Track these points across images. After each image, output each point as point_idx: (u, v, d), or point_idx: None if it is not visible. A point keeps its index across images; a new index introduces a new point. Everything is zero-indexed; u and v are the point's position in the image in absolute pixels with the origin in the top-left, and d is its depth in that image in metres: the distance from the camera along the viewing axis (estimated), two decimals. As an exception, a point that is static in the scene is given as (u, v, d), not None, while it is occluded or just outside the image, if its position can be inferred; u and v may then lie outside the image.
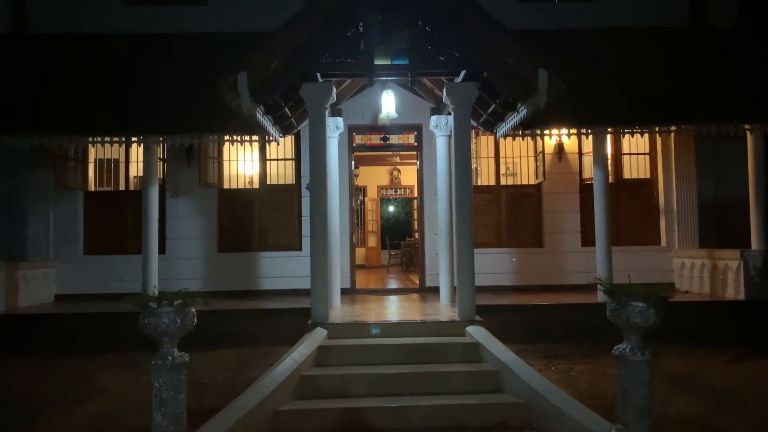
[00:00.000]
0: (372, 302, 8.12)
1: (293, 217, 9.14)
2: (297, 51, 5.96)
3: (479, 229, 8.98)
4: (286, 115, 7.47)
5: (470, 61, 6.03)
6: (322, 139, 6.46)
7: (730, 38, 8.57)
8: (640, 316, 3.81)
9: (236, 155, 9.21)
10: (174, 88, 7.51)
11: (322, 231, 6.39)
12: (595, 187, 7.63)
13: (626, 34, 8.48)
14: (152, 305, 4.13)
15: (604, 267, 7.42)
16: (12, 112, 7.38)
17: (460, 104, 6.38)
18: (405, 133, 9.48)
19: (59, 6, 8.79)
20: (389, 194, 17.81)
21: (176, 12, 8.93)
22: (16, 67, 8.06)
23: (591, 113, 7.25)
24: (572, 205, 9.16)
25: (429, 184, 9.17)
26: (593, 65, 7.74)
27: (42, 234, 8.75)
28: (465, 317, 6.21)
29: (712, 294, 7.93)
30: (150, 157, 7.49)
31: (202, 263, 8.97)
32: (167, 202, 8.90)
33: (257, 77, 5.78)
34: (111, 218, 9.02)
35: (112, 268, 8.75)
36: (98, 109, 7.40)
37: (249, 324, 7.14)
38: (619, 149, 9.27)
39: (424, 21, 6.00)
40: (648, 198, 9.25)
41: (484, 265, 8.68)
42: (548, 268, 9.03)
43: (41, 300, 8.43)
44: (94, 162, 9.15)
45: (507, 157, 9.44)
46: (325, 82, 6.44)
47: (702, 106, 7.42)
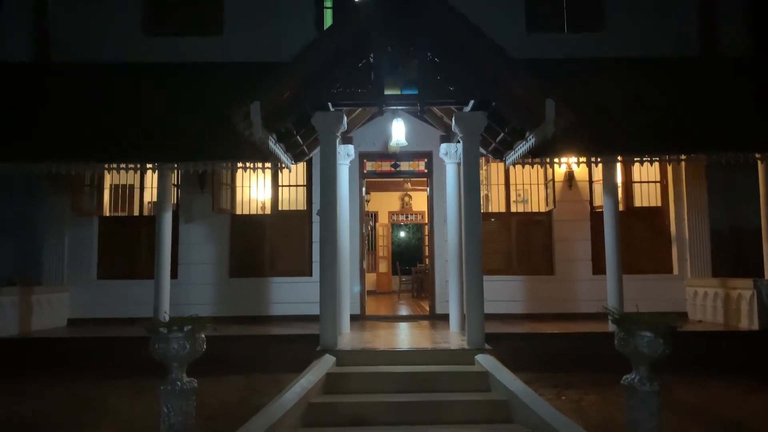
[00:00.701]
0: (381, 329, 8.12)
1: (304, 242, 9.21)
2: (309, 81, 6.10)
3: (490, 256, 9.00)
4: (297, 143, 7.60)
5: (478, 91, 6.13)
6: (333, 167, 6.55)
7: (741, 68, 8.62)
8: (648, 346, 3.80)
9: (249, 181, 9.35)
10: (189, 116, 7.68)
11: (331, 257, 6.44)
12: (605, 215, 7.64)
13: (636, 64, 8.54)
14: (162, 330, 4.19)
15: (614, 295, 7.37)
16: (31, 138, 7.57)
17: (469, 133, 6.46)
18: (415, 160, 9.57)
19: (80, 36, 9.08)
20: (400, 220, 17.88)
21: (192, 42, 9.18)
22: (36, 95, 8.28)
23: (600, 142, 7.30)
24: (583, 233, 9.15)
25: (439, 211, 9.22)
26: (603, 94, 7.81)
27: (57, 258, 8.89)
28: (474, 345, 6.19)
29: (725, 324, 7.84)
30: (164, 183, 7.62)
31: (213, 288, 9.04)
32: (180, 227, 9.02)
33: (270, 106, 5.92)
34: (125, 243, 9.14)
35: (125, 293, 8.84)
36: (114, 136, 7.56)
37: (258, 350, 7.15)
38: (630, 177, 9.28)
39: (433, 52, 6.13)
40: (659, 226, 9.21)
41: (495, 292, 8.68)
42: (559, 296, 8.99)
43: (55, 324, 8.52)
44: (109, 188, 9.31)
45: (517, 184, 9.48)
46: (336, 112, 6.56)
47: (712, 135, 7.44)
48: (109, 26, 9.17)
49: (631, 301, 7.27)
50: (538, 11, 9.39)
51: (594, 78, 8.14)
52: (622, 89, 8.02)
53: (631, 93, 7.98)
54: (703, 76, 8.43)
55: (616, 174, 7.68)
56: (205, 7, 9.38)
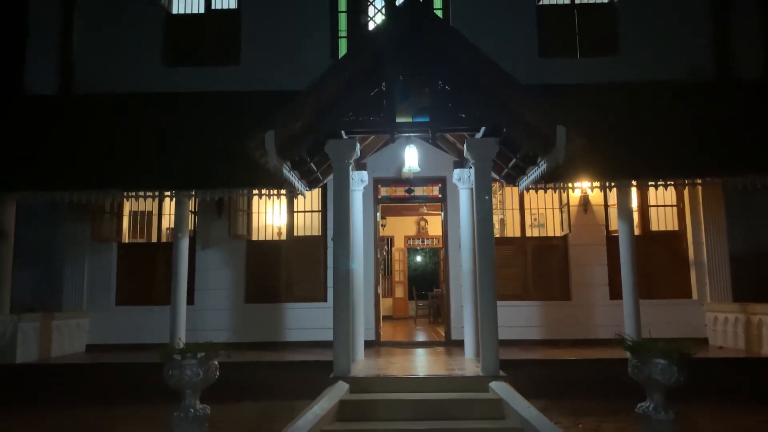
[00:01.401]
0: (396, 355, 8.08)
1: (319, 268, 9.26)
2: (322, 110, 6.22)
3: (505, 281, 8.96)
4: (312, 170, 7.70)
5: (489, 118, 6.18)
6: (346, 194, 6.63)
7: (756, 90, 8.58)
8: (662, 374, 3.76)
9: (265, 208, 9.46)
10: (206, 144, 7.84)
11: (344, 283, 6.47)
12: (620, 240, 7.58)
13: (650, 88, 8.54)
14: (176, 357, 4.25)
15: (632, 321, 7.27)
16: (53, 167, 7.78)
17: (481, 159, 6.50)
18: (429, 185, 9.62)
19: (103, 68, 9.35)
20: (416, 244, 17.85)
21: (211, 72, 9.41)
22: (59, 126, 8.53)
23: (614, 166, 7.27)
24: (599, 258, 9.07)
25: (453, 236, 9.22)
26: (616, 119, 7.81)
27: (77, 285, 9.04)
28: (489, 372, 6.14)
29: (747, 350, 7.67)
30: (181, 210, 7.75)
31: (229, 314, 9.10)
32: (197, 253, 9.13)
33: (284, 135, 6.03)
34: (143, 269, 9.27)
35: (143, 319, 8.94)
36: (134, 164, 7.75)
37: (273, 376, 7.16)
38: (646, 201, 9.21)
39: (443, 80, 6.21)
40: (677, 250, 9.10)
41: (511, 318, 8.62)
42: (576, 322, 8.89)
43: (73, 350, 8.63)
44: (128, 215, 9.48)
45: (532, 208, 9.46)
46: (349, 139, 6.65)
47: (729, 158, 7.39)
48: (131, 58, 9.44)
49: (649, 326, 7.16)
50: (551, 37, 9.46)
51: (607, 102, 8.16)
52: (636, 113, 8.02)
53: (645, 117, 7.97)
54: (717, 99, 8.40)
55: (630, 198, 7.64)
56: (223, 38, 9.63)
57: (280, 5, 9.49)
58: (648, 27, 9.23)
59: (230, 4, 9.79)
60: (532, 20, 9.35)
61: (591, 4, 9.53)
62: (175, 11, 9.76)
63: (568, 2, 9.58)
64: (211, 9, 9.76)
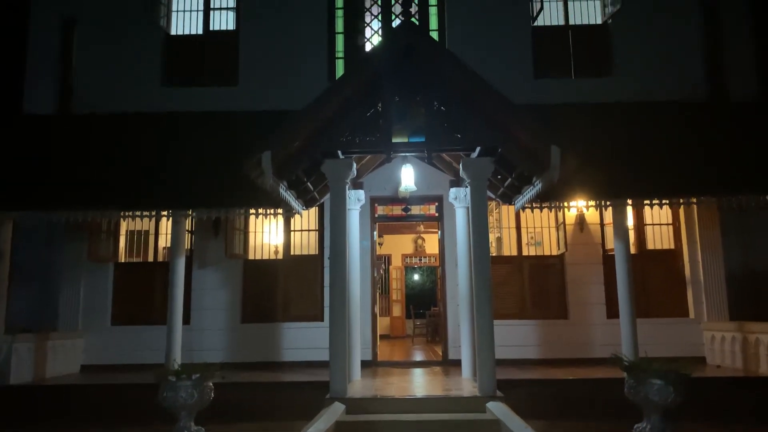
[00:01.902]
0: (393, 376, 8.04)
1: (316, 287, 9.24)
2: (319, 130, 6.27)
3: (502, 300, 8.96)
4: (308, 189, 7.73)
5: (484, 138, 6.24)
6: (342, 214, 6.65)
7: (749, 111, 8.66)
8: (659, 394, 3.75)
9: (262, 227, 9.47)
10: (204, 164, 7.87)
11: (341, 302, 6.46)
12: (616, 258, 7.57)
13: (644, 108, 8.62)
14: (171, 379, 4.23)
15: (629, 340, 7.24)
16: (51, 188, 7.78)
17: (477, 178, 6.54)
18: (426, 204, 9.65)
19: (102, 88, 9.41)
20: (414, 263, 17.86)
21: (209, 92, 9.48)
22: (57, 146, 8.55)
23: (609, 186, 7.32)
24: (596, 276, 9.07)
25: (450, 255, 9.23)
26: (611, 138, 7.87)
27: (73, 304, 9.00)
28: (485, 393, 6.12)
29: (745, 369, 7.65)
30: (178, 230, 7.75)
31: (225, 334, 9.06)
32: (194, 273, 9.11)
33: (281, 155, 6.08)
34: (139, 289, 9.25)
35: (139, 339, 8.89)
36: (131, 184, 7.76)
37: (269, 397, 7.10)
38: (642, 220, 9.25)
39: (439, 101, 6.28)
40: (674, 269, 9.12)
41: (508, 337, 8.60)
42: (573, 341, 8.87)
43: (68, 370, 8.57)
44: (125, 234, 9.48)
45: (529, 227, 9.49)
46: (345, 159, 6.69)
47: (723, 178, 7.44)
48: (130, 78, 9.51)
49: (646, 346, 7.15)
50: (546, 57, 9.57)
51: (602, 122, 8.22)
52: (631, 133, 8.08)
53: (640, 136, 8.03)
54: (711, 119, 8.47)
55: (626, 217, 7.67)
56: (221, 59, 9.72)
57: (278, 27, 9.60)
58: (641, 48, 9.34)
59: (229, 25, 9.90)
60: (527, 41, 9.47)
61: (585, 25, 9.66)
62: (174, 32, 9.86)
63: (562, 24, 9.71)
64: (210, 30, 9.86)
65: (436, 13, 9.77)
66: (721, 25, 9.68)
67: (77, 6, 9.68)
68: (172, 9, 9.92)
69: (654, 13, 9.36)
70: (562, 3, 9.77)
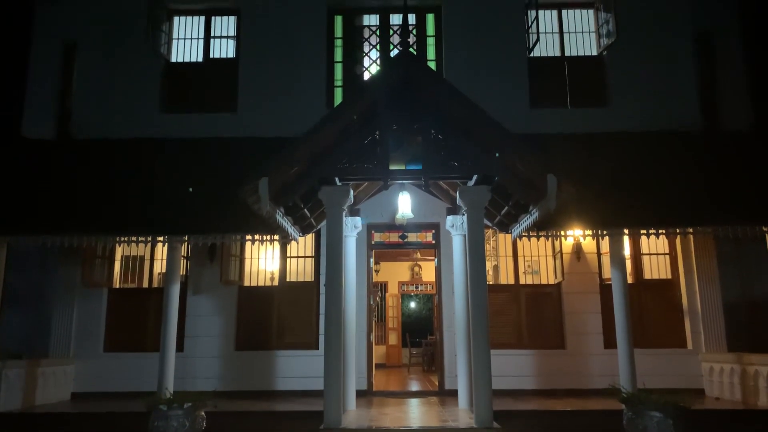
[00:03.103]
0: (388, 406, 7.92)
1: (311, 315, 9.17)
2: (316, 157, 6.28)
3: (499, 329, 8.89)
4: (305, 216, 7.72)
5: (481, 166, 6.26)
6: (339, 241, 6.62)
7: (744, 141, 8.74)
8: (658, 427, 3.70)
9: (258, 253, 9.43)
10: (200, 190, 7.87)
11: (336, 330, 6.40)
12: (613, 288, 7.54)
13: (639, 138, 8.70)
14: (162, 408, 4.16)
15: (626, 371, 7.16)
16: (47, 212, 7.76)
17: (473, 206, 6.54)
18: (423, 231, 9.64)
19: (101, 114, 9.45)
20: (410, 290, 17.76)
21: (208, 119, 9.51)
22: (55, 171, 8.56)
23: (605, 215, 7.33)
24: (593, 306, 9.03)
25: (447, 282, 9.18)
26: (607, 168, 7.92)
27: (65, 330, 8.89)
28: (482, 424, 6.01)
29: (744, 401, 7.57)
30: (173, 256, 7.71)
31: (219, 362, 8.95)
32: (188, 299, 9.04)
33: (278, 182, 6.07)
34: (132, 315, 9.16)
35: (131, 366, 8.77)
36: (127, 209, 7.75)
37: (262, 427, 6.97)
38: (639, 249, 9.25)
39: (436, 130, 6.32)
40: (671, 299, 9.09)
41: (505, 367, 8.53)
42: (571, 371, 8.78)
43: (59, 398, 8.43)
44: (120, 259, 9.43)
45: (525, 256, 9.47)
46: (342, 186, 6.70)
47: (718, 208, 7.47)
48: (129, 104, 9.54)
49: (644, 376, 7.09)
50: (542, 88, 9.67)
51: (598, 152, 8.29)
52: (626, 163, 8.14)
53: (636, 166, 8.09)
54: (706, 149, 8.55)
55: (623, 247, 7.67)
56: (220, 86, 9.79)
57: (277, 55, 9.71)
58: (636, 78, 9.44)
59: (229, 53, 10.01)
60: (523, 71, 9.57)
61: (580, 57, 9.80)
62: (174, 59, 9.96)
63: (558, 55, 9.84)
64: (210, 58, 9.97)
65: (434, 43, 9.92)
66: (714, 56, 9.83)
67: (79, 31, 9.77)
68: (173, 37, 10.04)
69: (648, 45, 9.50)
70: (558, 35, 9.92)
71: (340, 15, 10.06)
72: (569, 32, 9.93)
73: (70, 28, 9.84)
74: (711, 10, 9.88)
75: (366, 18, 10.12)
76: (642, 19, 9.54)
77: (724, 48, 9.74)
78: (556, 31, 9.94)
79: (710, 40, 9.85)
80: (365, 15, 10.11)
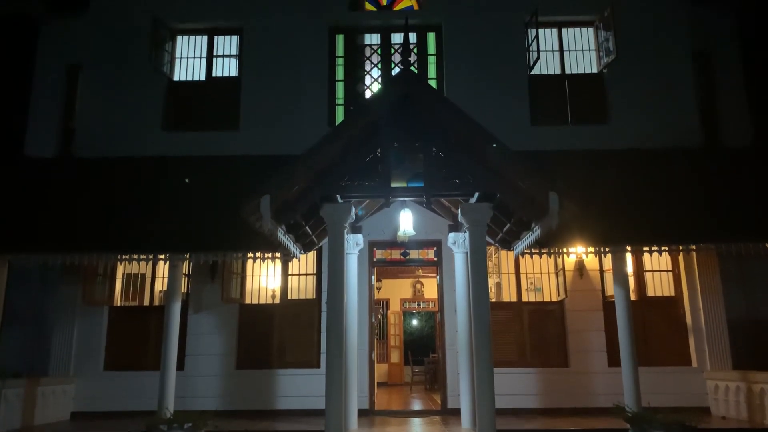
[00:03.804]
0: (391, 425, 7.84)
1: (313, 333, 9.11)
2: (318, 175, 6.29)
3: (502, 348, 8.83)
4: (306, 233, 7.71)
5: (482, 184, 6.26)
6: (340, 258, 6.60)
7: (745, 157, 8.75)
8: (664, 448, 3.64)
9: (259, 270, 9.41)
10: (202, 207, 7.89)
11: (338, 348, 6.35)
12: (617, 305, 7.51)
13: (640, 155, 8.71)
14: (162, 428, 4.12)
15: (631, 389, 7.08)
16: (49, 230, 7.77)
17: (475, 224, 6.53)
18: (425, 249, 9.62)
19: (104, 132, 9.48)
20: (412, 308, 17.67)
21: (210, 137, 9.54)
22: (57, 189, 8.57)
23: (607, 232, 7.32)
24: (597, 323, 8.97)
25: (449, 300, 9.13)
26: (609, 185, 7.93)
27: (65, 349, 8.84)
28: (485, 443, 5.94)
29: (750, 420, 7.47)
30: (175, 274, 7.70)
31: (220, 380, 8.88)
32: (189, 317, 9.00)
33: (279, 200, 6.08)
34: (133, 334, 9.10)
35: (132, 385, 8.71)
36: (129, 227, 7.75)
37: (263, 447, 6.92)
38: (641, 266, 9.21)
39: (437, 147, 6.33)
40: (675, 316, 9.02)
41: (508, 385, 8.45)
42: (574, 390, 8.69)
43: (58, 417, 8.36)
44: (121, 277, 9.40)
45: (528, 273, 9.43)
46: (344, 203, 6.70)
47: (721, 225, 7.45)
48: (132, 122, 9.58)
49: (649, 395, 7.03)
50: (542, 105, 9.72)
51: (599, 168, 8.30)
52: (628, 179, 8.15)
53: (637, 183, 8.10)
54: (707, 166, 8.55)
55: (626, 263, 7.65)
56: (223, 104, 9.84)
57: (279, 73, 9.78)
58: (636, 95, 9.48)
59: (231, 71, 10.09)
60: (524, 89, 9.62)
61: (580, 74, 9.85)
62: (177, 78, 10.03)
63: (558, 72, 9.90)
64: (212, 77, 10.04)
65: (435, 61, 9.99)
66: (713, 72, 9.91)
67: (83, 51, 9.87)
68: (176, 56, 10.13)
69: (648, 62, 9.55)
70: (558, 53, 9.99)
71: (342, 34, 10.15)
72: (569, 50, 10.00)
73: (75, 48, 9.95)
74: (709, 27, 9.99)
75: (367, 37, 10.21)
76: (641, 37, 9.62)
77: (723, 64, 9.83)
78: (557, 49, 10.01)
79: (709, 57, 9.94)
80: (367, 34, 10.20)
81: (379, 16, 10.14)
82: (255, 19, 9.96)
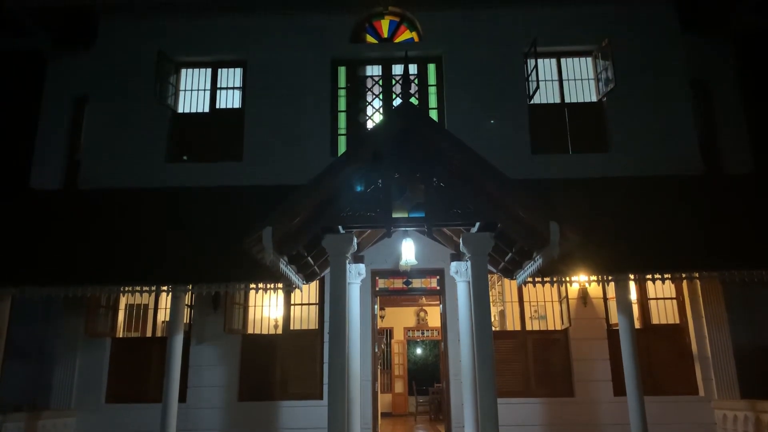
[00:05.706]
0: (394, 457, 7.74)
1: (315, 363, 9.04)
2: (320, 206, 6.34)
3: (506, 378, 8.74)
4: (309, 264, 7.73)
5: (483, 213, 6.29)
6: (342, 289, 6.61)
7: (746, 185, 8.78)
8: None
9: (262, 301, 9.38)
10: (205, 239, 7.93)
11: (340, 379, 6.30)
12: (621, 334, 7.47)
13: (641, 183, 8.76)
14: (162, 464, 4.07)
15: (637, 419, 7.01)
16: (52, 263, 7.81)
17: (477, 253, 6.54)
18: (427, 277, 9.61)
19: (108, 164, 9.59)
20: (416, 336, 17.55)
21: (214, 168, 9.63)
22: (60, 221, 8.64)
23: (609, 261, 7.32)
24: (601, 352, 8.87)
25: (452, 329, 9.07)
26: (609, 213, 7.95)
27: (67, 381, 8.78)
28: (490, 476, 5.86)
29: (760, 451, 7.36)
30: (177, 305, 7.70)
31: (221, 412, 8.79)
32: (192, 348, 8.95)
33: (282, 231, 6.12)
34: (135, 365, 9.04)
35: (133, 417, 8.63)
36: (132, 259, 7.79)
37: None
38: (645, 294, 9.16)
39: (438, 178, 6.38)
40: (680, 344, 8.93)
41: (513, 416, 8.35)
42: (580, 420, 8.56)
43: (58, 451, 8.28)
44: (124, 308, 9.39)
45: (531, 301, 9.38)
46: (346, 234, 6.73)
47: (722, 252, 7.45)
48: (136, 154, 9.67)
49: (656, 425, 6.94)
50: (543, 134, 9.78)
51: (601, 197, 8.34)
52: (629, 207, 8.18)
53: (639, 211, 8.12)
54: (708, 193, 8.58)
55: (629, 292, 7.61)
56: (226, 136, 9.95)
57: (282, 104, 9.90)
58: (636, 124, 9.54)
59: (234, 103, 10.23)
60: (524, 118, 9.71)
61: (580, 103, 9.95)
62: (181, 110, 10.17)
63: (558, 101, 10.01)
64: (216, 108, 10.19)
65: (436, 92, 10.12)
66: (712, 101, 10.00)
67: (88, 84, 10.04)
68: (180, 88, 10.28)
69: (647, 90, 9.64)
70: (557, 82, 10.11)
71: (344, 66, 10.32)
72: (568, 79, 10.11)
73: (81, 81, 10.13)
74: (706, 55, 10.12)
75: (369, 69, 10.37)
76: (639, 66, 9.72)
77: (722, 92, 9.92)
78: (556, 78, 10.13)
79: (707, 85, 10.04)
80: (368, 66, 10.36)
81: (380, 49, 10.31)
82: (258, 51, 10.14)
